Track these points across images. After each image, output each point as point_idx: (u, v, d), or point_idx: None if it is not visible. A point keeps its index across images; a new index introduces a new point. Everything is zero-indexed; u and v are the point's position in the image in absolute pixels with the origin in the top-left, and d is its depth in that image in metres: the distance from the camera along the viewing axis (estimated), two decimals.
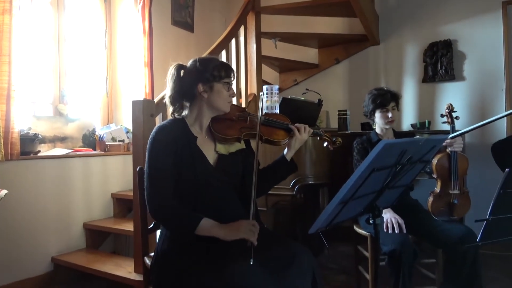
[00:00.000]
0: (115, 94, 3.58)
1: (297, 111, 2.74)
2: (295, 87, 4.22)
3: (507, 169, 1.26)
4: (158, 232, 1.58)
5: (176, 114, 1.54)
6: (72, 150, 2.99)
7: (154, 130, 1.49)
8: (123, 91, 3.57)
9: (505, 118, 3.20)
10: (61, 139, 3.08)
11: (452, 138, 2.03)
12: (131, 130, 2.39)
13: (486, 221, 1.34)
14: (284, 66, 4.21)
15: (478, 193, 2.41)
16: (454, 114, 2.13)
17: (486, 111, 3.30)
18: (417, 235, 2.11)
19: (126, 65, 3.54)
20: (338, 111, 3.02)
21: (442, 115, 2.16)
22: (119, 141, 3.26)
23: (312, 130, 1.67)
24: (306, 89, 3.08)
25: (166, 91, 1.55)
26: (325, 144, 1.70)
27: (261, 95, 1.71)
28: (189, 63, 1.54)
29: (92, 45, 3.46)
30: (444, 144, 2.03)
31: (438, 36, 3.51)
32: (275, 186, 1.72)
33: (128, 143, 3.27)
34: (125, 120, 3.47)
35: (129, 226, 2.69)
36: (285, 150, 1.66)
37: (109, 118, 3.55)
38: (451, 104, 2.14)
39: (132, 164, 2.33)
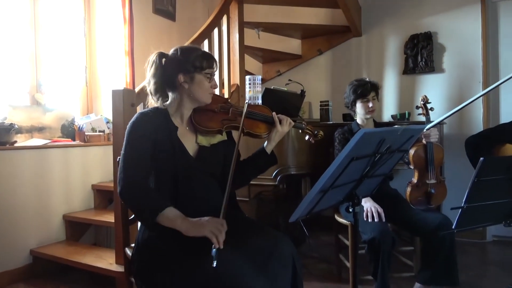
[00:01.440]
0: (94, 83, 3.50)
1: (280, 102, 2.75)
2: (278, 77, 4.22)
3: (481, 158, 1.29)
4: (139, 223, 1.56)
5: (159, 103, 1.52)
6: (50, 141, 2.93)
7: (135, 115, 1.47)
8: (103, 81, 3.49)
9: (481, 110, 3.28)
10: (38, 129, 3.01)
11: (428, 129, 2.07)
12: (112, 120, 2.35)
13: (461, 209, 1.38)
14: (267, 57, 4.19)
15: (455, 182, 2.47)
16: (428, 106, 2.19)
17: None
18: (396, 224, 2.16)
19: (106, 53, 3.46)
20: (320, 102, 3.04)
21: (417, 107, 2.21)
22: (99, 131, 3.20)
23: (293, 123, 1.66)
24: (289, 80, 3.08)
25: (146, 80, 1.52)
26: (306, 137, 1.70)
27: (246, 102, 1.66)
28: (170, 52, 1.52)
29: (70, 32, 3.37)
30: (419, 135, 2.07)
31: (418, 28, 3.55)
32: (257, 177, 1.72)
33: (108, 133, 3.22)
34: (105, 110, 3.40)
35: (110, 218, 2.65)
36: (265, 143, 1.65)
37: (89, 108, 3.48)
38: (425, 96, 2.21)
39: (112, 154, 2.29)
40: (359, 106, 2.29)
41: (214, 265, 1.16)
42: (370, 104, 2.25)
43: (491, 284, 2.41)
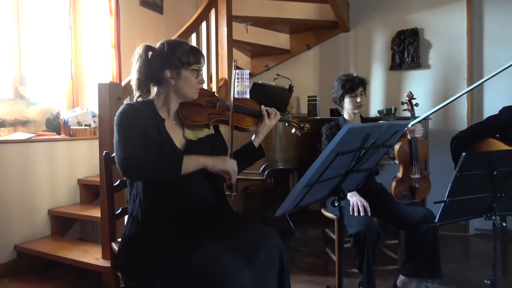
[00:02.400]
0: (80, 76, 3.45)
1: (268, 97, 2.75)
2: (266, 72, 4.22)
3: (463, 154, 1.32)
4: (126, 218, 1.56)
5: (142, 98, 1.51)
6: (35, 135, 2.88)
7: (121, 106, 1.45)
8: (89, 74, 3.44)
9: (466, 106, 3.34)
10: (22, 123, 2.96)
11: (413, 125, 2.10)
12: (98, 114, 2.33)
13: (444, 203, 1.41)
14: (256, 51, 4.18)
15: (439, 176, 2.52)
16: (414, 102, 2.22)
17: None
18: (382, 218, 2.20)
19: (91, 46, 3.41)
20: (308, 97, 3.05)
21: (402, 103, 2.24)
22: (85, 125, 3.16)
23: (280, 116, 1.67)
24: (277, 75, 3.09)
25: (132, 73, 1.50)
26: (293, 130, 1.72)
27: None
28: (157, 45, 1.50)
29: (54, 24, 3.30)
30: (405, 130, 2.10)
31: (405, 24, 3.59)
32: (245, 171, 1.73)
33: (94, 127, 3.18)
34: (91, 104, 3.36)
35: (96, 212, 2.63)
36: (253, 136, 1.66)
37: (74, 102, 3.43)
38: (410, 92, 2.24)
39: (98, 149, 2.27)
40: (347, 101, 2.31)
41: (233, 194, 1.47)
42: (358, 99, 2.27)
43: (473, 276, 2.47)
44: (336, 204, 1.35)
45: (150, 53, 1.48)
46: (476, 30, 3.35)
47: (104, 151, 1.72)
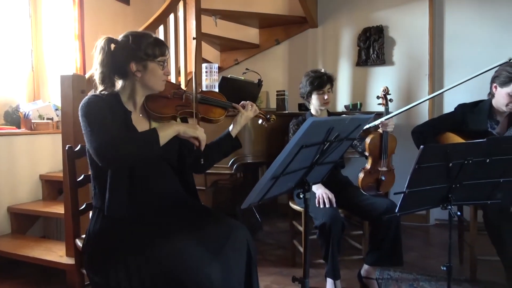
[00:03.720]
0: (41, 68, 3.31)
1: (237, 91, 2.75)
2: (236, 66, 4.21)
3: (421, 146, 1.38)
4: (91, 213, 1.52)
5: (106, 92, 1.47)
6: None
7: (86, 97, 1.41)
8: (50, 65, 3.31)
9: (427, 102, 3.48)
10: None
11: (386, 119, 2.17)
12: (60, 107, 2.25)
13: (404, 194, 1.47)
14: (225, 45, 4.16)
15: (402, 169, 2.61)
16: (388, 97, 2.29)
17: (412, 95, 3.56)
18: (347, 209, 2.26)
19: (53, 37, 3.28)
20: (277, 91, 3.08)
21: (378, 97, 2.30)
22: (48, 119, 3.05)
23: (257, 108, 1.70)
24: (246, 69, 3.09)
25: (94, 66, 1.46)
26: (260, 121, 1.76)
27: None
28: (120, 37, 1.47)
29: (13, 13, 3.14)
30: (378, 124, 2.17)
31: (371, 21, 3.68)
32: (214, 165, 1.73)
33: (57, 121, 3.07)
34: (54, 97, 3.24)
35: (59, 209, 2.55)
36: (231, 126, 1.68)
37: (36, 94, 3.29)
38: (387, 87, 2.30)
39: (61, 143, 2.20)
40: (314, 98, 2.35)
41: (202, 162, 1.54)
42: (326, 96, 2.32)
43: (432, 264, 2.60)
44: (301, 196, 1.38)
45: (112, 45, 1.45)
46: (437, 29, 3.49)
47: (68, 145, 1.67)
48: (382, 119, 2.17)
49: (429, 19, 3.48)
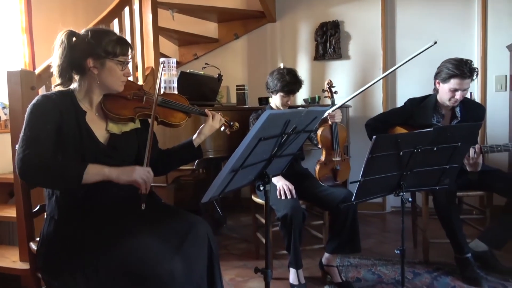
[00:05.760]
0: None
1: (196, 86, 2.73)
2: (196, 61, 4.18)
3: (374, 136, 1.45)
4: (45, 215, 1.46)
5: (63, 87, 1.42)
6: None
7: (36, 97, 1.36)
8: None
9: (381, 95, 3.63)
10: None
11: (333, 111, 2.25)
12: (8, 105, 2.13)
13: (359, 182, 1.54)
14: (184, 40, 4.11)
15: (359, 160, 2.71)
16: (333, 89, 2.38)
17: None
18: (307, 200, 2.33)
19: None
20: (237, 86, 3.08)
21: (323, 90, 2.39)
22: None
23: (224, 121, 1.70)
24: (206, 64, 3.08)
25: (53, 60, 1.41)
26: (222, 128, 1.73)
27: (159, 73, 1.65)
28: (82, 32, 1.42)
29: None
30: (326, 116, 2.24)
31: (328, 16, 3.77)
32: None
33: (5, 119, 2.90)
34: (1, 94, 3.05)
35: (11, 212, 2.42)
36: (194, 135, 1.66)
37: None
38: (330, 80, 2.41)
39: (10, 143, 2.09)
40: (278, 97, 2.37)
41: (143, 208, 1.31)
42: (289, 101, 2.38)
43: (388, 249, 2.73)
44: (261, 188, 1.40)
45: (74, 39, 1.40)
46: (389, 24, 3.63)
47: (17, 145, 1.59)
48: (329, 110, 2.24)
49: (382, 15, 3.61)
